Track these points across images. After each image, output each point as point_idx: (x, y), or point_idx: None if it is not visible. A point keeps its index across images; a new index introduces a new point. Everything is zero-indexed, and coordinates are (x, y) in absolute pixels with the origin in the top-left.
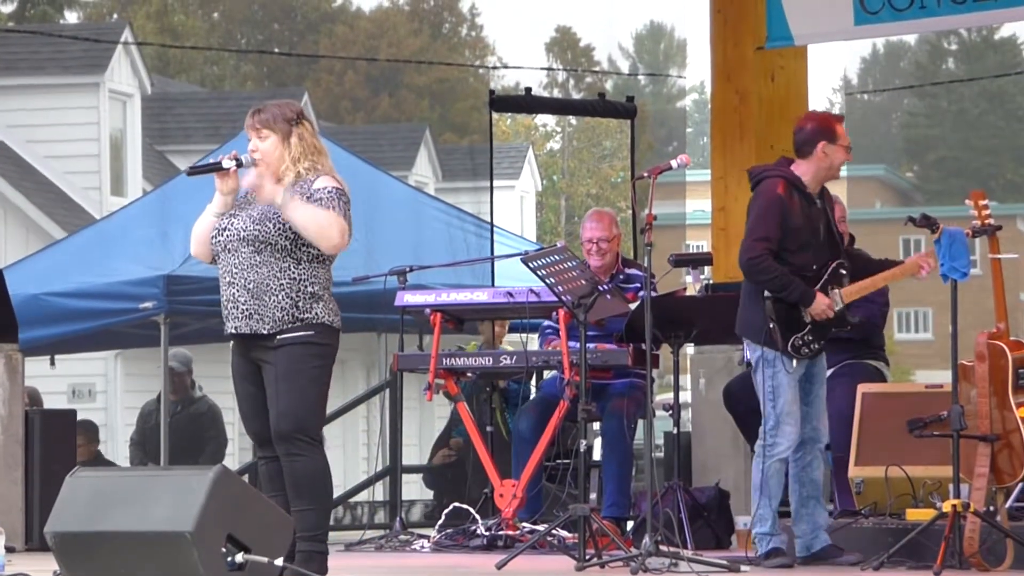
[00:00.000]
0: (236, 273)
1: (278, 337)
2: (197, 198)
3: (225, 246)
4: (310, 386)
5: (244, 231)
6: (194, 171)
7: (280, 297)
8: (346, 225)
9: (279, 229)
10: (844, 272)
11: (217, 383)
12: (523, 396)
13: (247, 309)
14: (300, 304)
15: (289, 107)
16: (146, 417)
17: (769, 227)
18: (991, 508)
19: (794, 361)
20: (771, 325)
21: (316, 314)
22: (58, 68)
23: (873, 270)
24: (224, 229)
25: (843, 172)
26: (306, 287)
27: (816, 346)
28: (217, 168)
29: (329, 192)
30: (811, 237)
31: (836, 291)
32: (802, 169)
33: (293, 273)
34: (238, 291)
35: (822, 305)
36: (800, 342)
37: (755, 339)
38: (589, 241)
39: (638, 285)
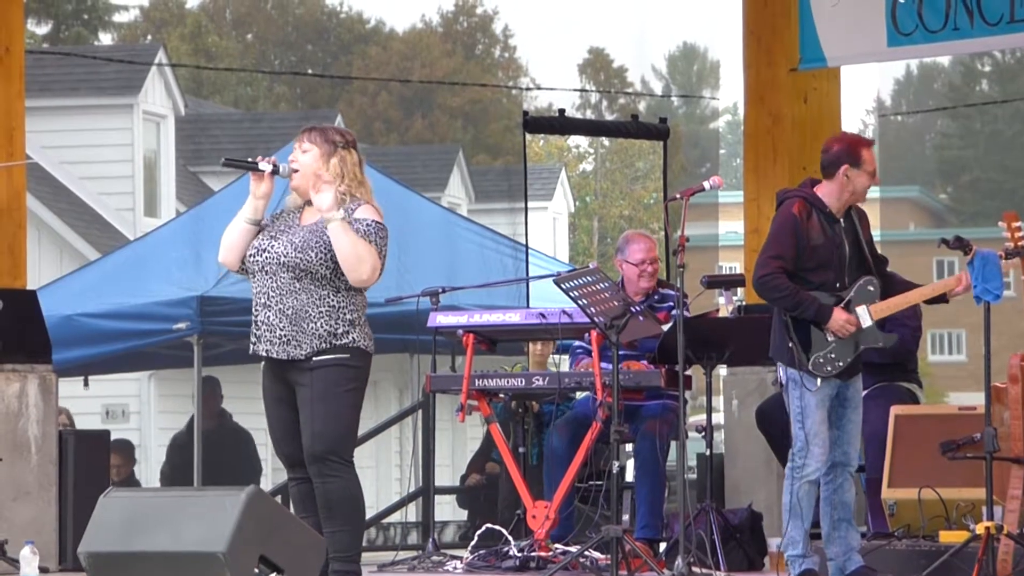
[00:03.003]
0: (273, 297)
1: (314, 359)
2: (231, 218)
3: (263, 268)
4: (344, 408)
5: (285, 256)
6: (229, 162)
7: (319, 324)
8: (379, 264)
9: (321, 258)
10: (872, 289)
11: (245, 403)
12: (557, 419)
13: (284, 335)
14: (338, 331)
15: (341, 133)
16: (178, 447)
17: (782, 246)
18: None
19: (818, 380)
20: (790, 344)
21: (352, 339)
22: (92, 89)
23: (904, 290)
24: (264, 250)
25: (876, 193)
26: (344, 314)
27: (841, 364)
28: (252, 167)
29: (369, 225)
30: (832, 256)
31: (864, 308)
32: (825, 190)
33: (332, 301)
34: (275, 315)
35: (840, 321)
36: (822, 360)
37: (783, 360)
38: (641, 263)
39: (671, 304)
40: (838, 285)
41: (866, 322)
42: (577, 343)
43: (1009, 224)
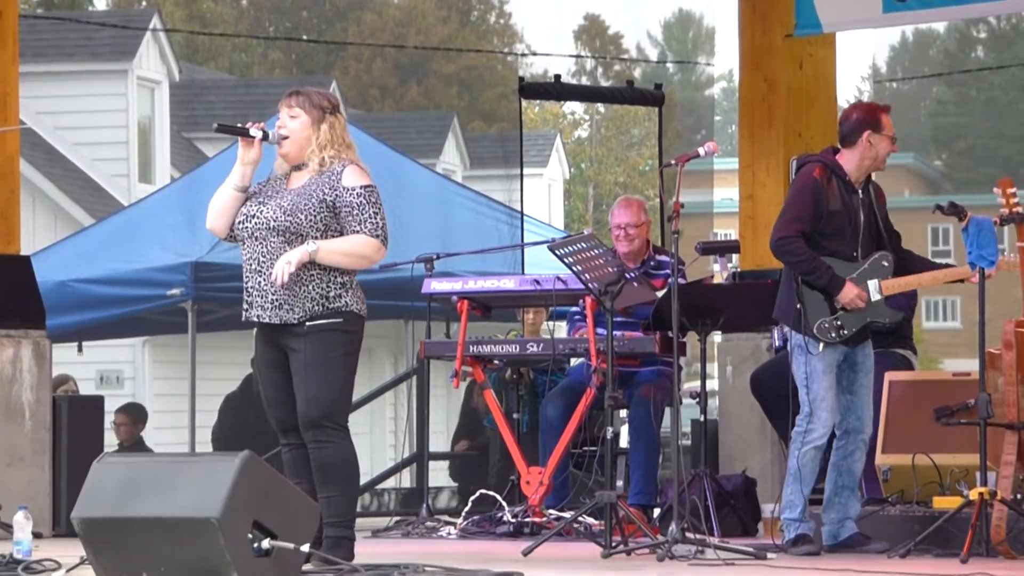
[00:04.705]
0: (264, 262)
1: (307, 324)
2: None
3: (253, 233)
4: (338, 373)
5: (275, 221)
6: (222, 128)
7: (310, 287)
8: (380, 235)
9: (311, 220)
10: (886, 264)
11: (237, 370)
12: (551, 387)
13: (277, 299)
14: (330, 294)
15: (326, 97)
16: (230, 407)
17: (802, 209)
18: (1018, 496)
19: (820, 344)
20: (798, 306)
21: (345, 303)
22: (87, 55)
23: (918, 268)
24: (253, 216)
25: None
26: (336, 277)
27: (845, 332)
28: (243, 132)
29: (359, 195)
30: (849, 224)
31: (875, 282)
32: (846, 158)
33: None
34: (266, 280)
35: (850, 294)
36: (827, 325)
37: (788, 323)
38: (617, 227)
39: (668, 271)
40: (854, 255)
41: (875, 296)
42: (574, 309)
43: (1004, 191)
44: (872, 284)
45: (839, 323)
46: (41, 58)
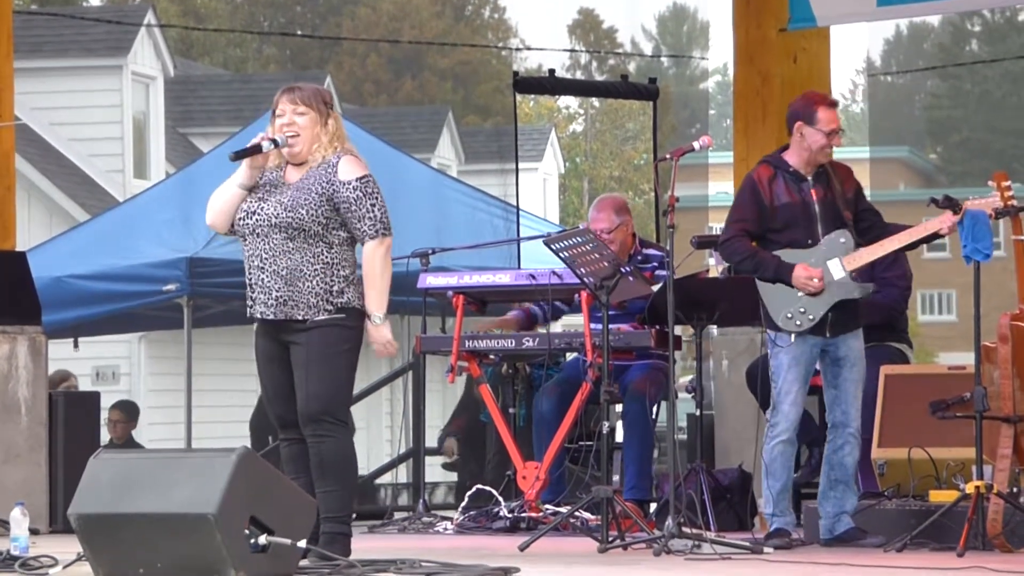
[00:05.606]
0: (267, 259)
1: (309, 320)
2: (220, 180)
3: (254, 230)
4: (339, 369)
5: (276, 217)
6: (238, 156)
7: (314, 283)
8: (379, 233)
9: (312, 215)
10: (844, 241)
11: (233, 365)
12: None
13: (280, 296)
14: (334, 289)
15: (325, 91)
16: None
17: (741, 210)
18: (1014, 489)
19: (791, 336)
20: (761, 304)
21: (348, 299)
22: (81, 51)
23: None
24: (253, 213)
25: (865, 154)
26: (339, 271)
27: (812, 318)
28: (257, 150)
29: (355, 188)
30: (802, 213)
31: (836, 260)
32: (789, 150)
33: (326, 258)
34: (269, 277)
35: (800, 277)
36: (790, 315)
37: (762, 321)
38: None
39: (655, 264)
40: (809, 242)
41: (838, 274)
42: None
43: (999, 183)
44: (832, 263)
45: (803, 310)
46: (36, 54)
